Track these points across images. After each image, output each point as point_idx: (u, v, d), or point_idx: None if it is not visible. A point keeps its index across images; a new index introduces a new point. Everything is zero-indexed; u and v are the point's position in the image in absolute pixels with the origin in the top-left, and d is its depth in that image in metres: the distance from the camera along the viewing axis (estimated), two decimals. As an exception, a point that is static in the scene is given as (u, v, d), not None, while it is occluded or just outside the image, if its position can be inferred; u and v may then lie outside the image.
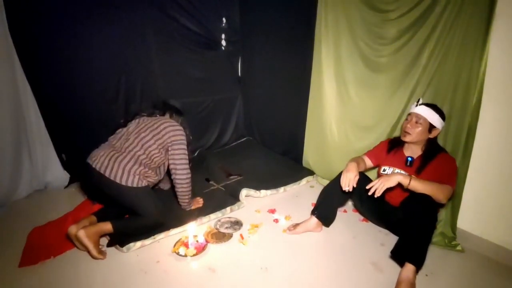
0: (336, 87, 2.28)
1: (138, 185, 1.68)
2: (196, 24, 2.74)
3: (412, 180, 1.50)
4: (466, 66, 1.60)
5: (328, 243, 1.80)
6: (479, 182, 1.69)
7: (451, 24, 1.63)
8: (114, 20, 2.35)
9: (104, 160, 1.67)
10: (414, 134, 1.65)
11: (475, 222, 1.75)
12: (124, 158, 1.69)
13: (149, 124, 1.79)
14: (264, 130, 3.18)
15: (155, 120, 1.82)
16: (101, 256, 1.61)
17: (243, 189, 2.22)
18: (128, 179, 1.66)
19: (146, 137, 1.75)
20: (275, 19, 2.67)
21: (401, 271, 1.44)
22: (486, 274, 1.58)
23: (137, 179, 1.68)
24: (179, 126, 1.84)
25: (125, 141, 1.75)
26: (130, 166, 1.68)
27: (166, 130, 1.78)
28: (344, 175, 1.66)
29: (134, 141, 1.74)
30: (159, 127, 1.78)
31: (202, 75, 2.94)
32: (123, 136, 1.78)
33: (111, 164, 1.66)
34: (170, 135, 1.78)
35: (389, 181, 1.50)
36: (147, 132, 1.76)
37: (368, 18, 1.99)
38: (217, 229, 1.90)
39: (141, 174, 1.71)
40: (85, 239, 1.57)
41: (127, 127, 1.83)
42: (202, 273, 1.56)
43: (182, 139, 1.81)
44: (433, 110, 1.62)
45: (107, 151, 1.71)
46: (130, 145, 1.73)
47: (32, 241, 1.73)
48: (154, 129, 1.77)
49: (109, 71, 2.43)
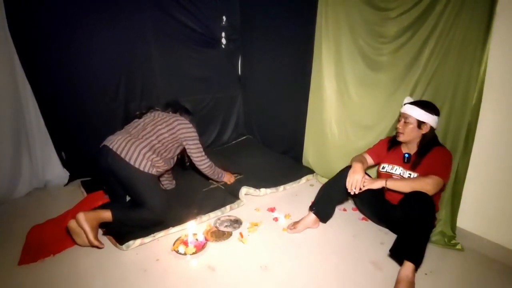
0: (336, 85, 2.28)
1: (149, 171, 1.76)
2: (196, 22, 2.74)
3: (388, 181, 1.62)
4: (467, 65, 1.60)
5: (328, 241, 1.80)
6: (479, 181, 1.69)
7: (452, 23, 1.63)
8: (114, 18, 2.35)
9: (121, 143, 1.75)
10: (406, 133, 1.68)
11: (475, 221, 1.76)
12: (140, 143, 1.77)
13: (165, 119, 1.89)
14: (264, 128, 3.18)
15: (170, 116, 1.93)
16: (97, 243, 1.61)
17: (243, 187, 2.22)
18: (142, 163, 1.74)
19: (162, 130, 1.84)
20: (276, 18, 2.66)
21: (400, 270, 1.44)
22: (486, 273, 1.58)
23: (149, 165, 1.76)
24: (190, 123, 1.96)
25: (142, 130, 1.84)
26: (146, 151, 1.76)
27: (179, 127, 1.89)
28: (351, 176, 1.67)
29: (151, 131, 1.83)
30: (173, 123, 1.88)
31: (202, 73, 2.94)
32: (140, 125, 1.87)
33: (127, 146, 1.74)
34: (183, 131, 1.90)
35: (373, 184, 1.64)
36: (163, 125, 1.86)
37: (368, 16, 1.99)
38: (216, 227, 1.90)
39: (153, 162, 1.78)
40: (83, 222, 1.58)
41: (143, 118, 1.92)
42: (201, 271, 1.56)
43: (194, 135, 1.95)
44: (418, 107, 1.63)
45: (124, 135, 1.80)
46: (147, 134, 1.82)
47: (31, 239, 1.73)
48: (169, 124, 1.87)
49: (109, 70, 2.43)
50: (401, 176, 1.72)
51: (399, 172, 1.73)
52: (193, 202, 2.07)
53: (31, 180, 2.31)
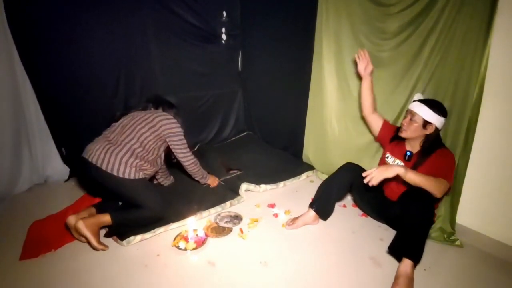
0: (336, 81, 2.27)
1: (136, 177, 1.70)
2: (196, 17, 2.72)
3: (409, 172, 1.48)
4: (468, 62, 1.59)
5: (327, 237, 1.80)
6: (479, 178, 1.69)
7: (453, 18, 1.62)
8: (114, 14, 2.33)
9: (100, 154, 1.67)
10: (409, 130, 1.67)
11: (474, 217, 1.76)
12: (120, 150, 1.69)
13: (145, 117, 1.80)
14: (264, 124, 3.18)
15: (150, 113, 1.84)
16: (101, 246, 1.62)
17: (243, 183, 2.22)
18: (125, 171, 1.67)
19: (142, 129, 1.76)
20: (276, 13, 2.64)
21: (399, 266, 1.45)
22: (485, 269, 1.59)
23: (134, 171, 1.69)
24: (173, 118, 1.87)
25: (121, 134, 1.75)
26: (127, 158, 1.69)
27: (161, 123, 1.80)
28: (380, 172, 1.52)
29: (130, 134, 1.74)
30: (154, 119, 1.80)
31: (202, 69, 2.93)
32: (118, 129, 1.78)
33: (107, 157, 1.66)
34: (166, 127, 1.81)
35: (387, 171, 1.49)
36: (142, 124, 1.77)
37: (369, 12, 1.98)
38: (216, 223, 1.90)
39: (137, 167, 1.71)
40: (84, 230, 1.58)
41: (121, 120, 1.83)
42: (201, 266, 1.57)
43: (178, 131, 1.85)
44: (427, 106, 1.61)
45: (102, 144, 1.72)
46: (126, 138, 1.73)
47: (32, 235, 1.74)
48: (149, 122, 1.79)
49: (109, 65, 2.41)
50: None
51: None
52: (193, 198, 2.07)
53: (32, 175, 2.31)
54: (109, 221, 1.66)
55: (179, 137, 1.86)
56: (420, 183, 1.48)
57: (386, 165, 1.53)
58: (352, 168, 1.81)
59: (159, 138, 1.81)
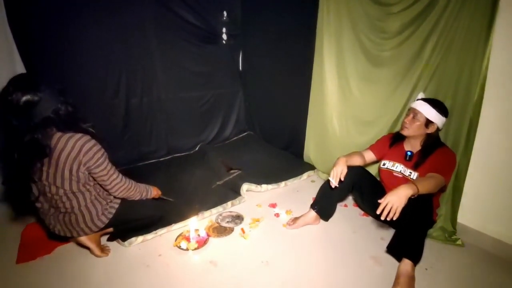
0: (337, 81, 2.27)
1: (104, 219, 1.53)
2: (196, 17, 2.72)
3: (418, 186, 1.39)
4: (469, 61, 1.59)
5: (329, 237, 1.81)
6: (480, 177, 1.69)
7: (454, 18, 1.61)
8: (114, 13, 2.33)
9: (51, 221, 1.50)
10: (411, 128, 1.66)
11: (475, 216, 1.76)
12: (74, 215, 1.46)
13: (54, 166, 1.36)
14: (265, 124, 3.18)
15: (55, 155, 1.34)
16: (104, 255, 1.62)
17: (244, 183, 2.23)
18: (85, 229, 1.50)
19: (65, 185, 1.39)
20: (277, 13, 2.64)
21: (400, 266, 1.45)
22: (486, 268, 1.59)
23: (97, 219, 1.50)
24: (82, 140, 1.36)
25: (52, 197, 1.42)
26: (82, 216, 1.46)
27: (73, 163, 1.36)
28: (332, 170, 1.67)
29: (60, 198, 1.42)
30: (61, 165, 1.35)
31: (202, 69, 2.93)
32: (46, 190, 1.42)
33: (69, 229, 1.50)
34: (86, 158, 1.37)
35: (400, 200, 1.36)
36: (58, 179, 1.38)
37: (370, 11, 1.98)
38: (218, 223, 1.91)
39: (95, 216, 1.49)
40: (87, 242, 1.57)
41: (42, 176, 1.38)
42: (203, 266, 1.58)
43: (97, 156, 1.40)
44: (430, 105, 1.61)
45: (50, 211, 1.49)
46: (59, 202, 1.43)
47: (27, 237, 1.73)
48: (59, 171, 1.36)
49: (109, 66, 2.41)
50: (402, 173, 1.72)
51: (400, 170, 1.73)
52: (194, 199, 2.08)
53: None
54: (109, 229, 1.64)
55: (103, 164, 1.42)
56: (429, 190, 1.45)
57: (393, 195, 1.38)
58: (354, 168, 1.81)
59: (86, 180, 1.45)
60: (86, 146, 1.36)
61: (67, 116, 1.36)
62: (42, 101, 1.27)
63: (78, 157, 1.35)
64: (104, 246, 1.66)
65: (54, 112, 1.31)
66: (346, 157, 1.73)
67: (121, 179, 1.51)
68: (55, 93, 1.34)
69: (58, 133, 1.34)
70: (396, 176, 1.74)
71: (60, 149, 1.33)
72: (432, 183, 1.48)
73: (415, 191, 1.38)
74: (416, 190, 1.38)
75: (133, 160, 2.61)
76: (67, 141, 1.33)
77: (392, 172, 1.76)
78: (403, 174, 1.71)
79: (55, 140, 1.33)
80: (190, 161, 2.76)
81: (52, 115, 1.31)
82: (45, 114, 1.29)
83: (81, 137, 1.36)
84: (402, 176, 1.71)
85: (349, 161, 1.71)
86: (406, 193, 1.37)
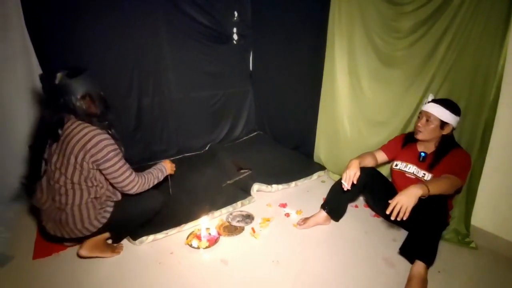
0: (349, 81, 2.26)
1: (102, 221, 1.52)
2: (208, 18, 2.74)
3: (429, 187, 1.39)
4: (484, 61, 1.56)
5: (340, 237, 1.80)
6: (495, 179, 1.66)
7: (470, 16, 1.58)
8: (127, 15, 2.37)
9: (47, 224, 1.52)
10: (426, 132, 1.64)
11: (489, 219, 1.73)
12: (65, 214, 1.45)
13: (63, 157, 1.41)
14: (275, 124, 3.18)
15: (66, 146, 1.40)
16: (116, 254, 1.64)
17: (255, 184, 2.23)
18: (83, 230, 1.49)
19: (74, 177, 1.42)
20: (287, 12, 2.64)
21: (412, 267, 1.44)
22: (499, 271, 1.57)
23: (95, 222, 1.50)
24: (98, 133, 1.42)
25: (56, 192, 1.44)
26: (72, 217, 1.44)
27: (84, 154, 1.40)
28: (344, 172, 1.66)
29: (66, 191, 1.43)
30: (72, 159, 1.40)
31: (213, 69, 2.95)
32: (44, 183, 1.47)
33: (59, 228, 1.50)
34: (94, 154, 1.40)
35: (410, 200, 1.36)
36: (70, 169, 1.41)
37: (383, 11, 1.96)
38: (229, 222, 1.92)
39: (93, 219, 1.49)
40: (91, 253, 1.56)
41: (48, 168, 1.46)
42: (214, 264, 1.59)
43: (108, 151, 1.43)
44: (443, 107, 1.59)
45: (46, 204, 1.50)
46: (61, 198, 1.45)
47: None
48: (70, 164, 1.40)
49: (122, 66, 2.45)
50: (415, 174, 1.70)
51: (413, 171, 1.71)
52: (204, 198, 2.09)
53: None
54: (108, 235, 1.63)
55: (115, 159, 1.44)
56: (441, 191, 1.44)
57: (402, 194, 1.39)
58: (365, 169, 1.80)
59: (93, 174, 1.47)
60: (97, 138, 1.39)
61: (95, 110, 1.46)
62: (75, 88, 1.40)
63: (86, 146, 1.38)
64: (113, 246, 1.67)
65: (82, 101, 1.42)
66: (358, 159, 1.72)
67: (134, 177, 1.53)
68: (96, 88, 1.51)
69: (77, 121, 1.42)
70: (408, 177, 1.72)
71: (73, 135, 1.39)
72: (445, 184, 1.47)
73: (425, 191, 1.38)
74: (426, 191, 1.38)
75: (144, 158, 2.64)
76: (81, 129, 1.40)
77: (404, 173, 1.74)
78: (416, 175, 1.69)
79: (72, 125, 1.41)
80: (200, 160, 2.78)
81: (78, 104, 1.40)
82: (74, 102, 1.39)
83: (95, 129, 1.42)
84: (415, 177, 1.69)
85: (362, 163, 1.70)
86: (416, 193, 1.37)
